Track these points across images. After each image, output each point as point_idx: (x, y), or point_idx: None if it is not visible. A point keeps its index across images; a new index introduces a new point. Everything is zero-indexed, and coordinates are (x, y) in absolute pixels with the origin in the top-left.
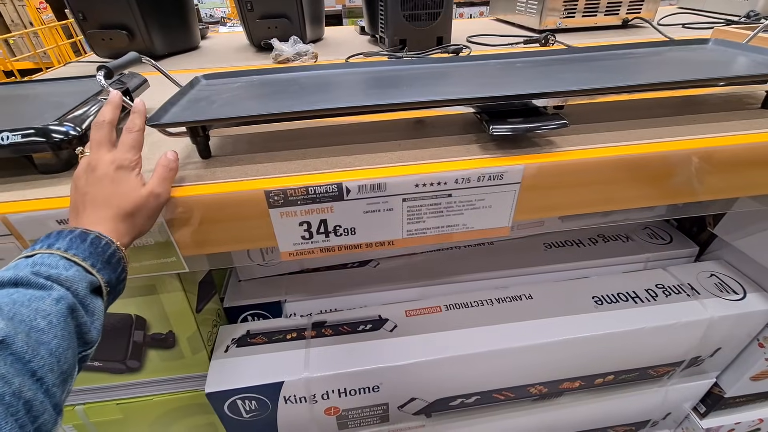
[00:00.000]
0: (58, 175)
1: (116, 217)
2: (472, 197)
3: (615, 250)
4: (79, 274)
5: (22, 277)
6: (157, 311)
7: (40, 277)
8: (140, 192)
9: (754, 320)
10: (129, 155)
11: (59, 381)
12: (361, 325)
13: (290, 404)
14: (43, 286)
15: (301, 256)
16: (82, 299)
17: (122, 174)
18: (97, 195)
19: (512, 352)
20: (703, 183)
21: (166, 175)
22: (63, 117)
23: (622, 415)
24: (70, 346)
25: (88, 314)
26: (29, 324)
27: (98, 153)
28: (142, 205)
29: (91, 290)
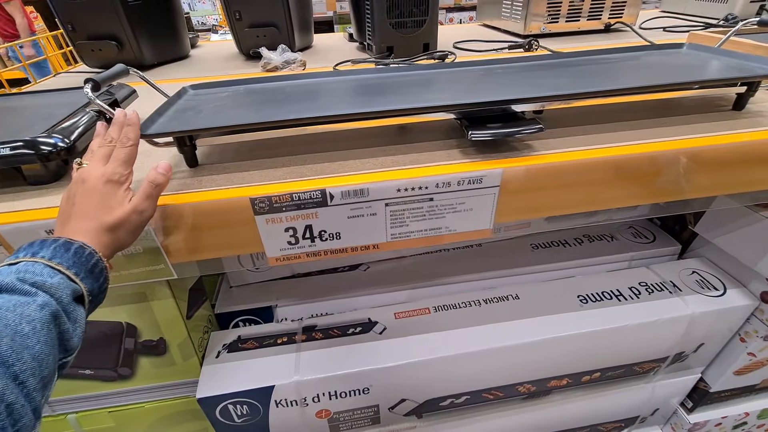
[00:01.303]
0: (47, 186)
1: (100, 229)
2: (454, 201)
3: (600, 250)
4: (63, 282)
5: (7, 283)
6: (148, 318)
7: (26, 283)
8: (124, 207)
9: (734, 315)
10: (120, 169)
11: (40, 386)
12: (350, 329)
13: (281, 408)
14: (27, 292)
15: (288, 261)
16: (65, 307)
17: (110, 188)
18: (83, 207)
19: (500, 351)
20: (677, 183)
21: (151, 192)
22: (51, 129)
23: (610, 412)
24: (52, 352)
25: (71, 321)
26: (14, 329)
27: (92, 165)
28: (125, 220)
29: (74, 298)
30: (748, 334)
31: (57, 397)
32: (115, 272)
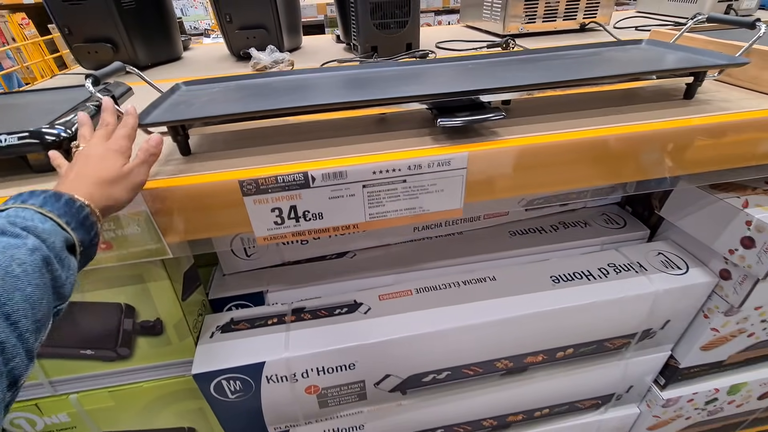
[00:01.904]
0: (51, 174)
1: (93, 184)
2: (425, 182)
3: (574, 235)
4: (55, 228)
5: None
6: (145, 300)
7: (16, 227)
8: (122, 168)
9: (696, 292)
10: (122, 142)
11: (33, 328)
12: (337, 310)
13: (273, 384)
14: (18, 235)
15: (275, 240)
16: (57, 253)
17: (111, 154)
18: (81, 168)
19: (477, 327)
20: (629, 164)
21: (146, 159)
22: (55, 121)
23: (586, 389)
24: (45, 296)
25: (64, 269)
26: (4, 269)
27: (94, 141)
28: (120, 176)
29: (66, 246)
30: (710, 310)
31: (58, 377)
32: (115, 251)
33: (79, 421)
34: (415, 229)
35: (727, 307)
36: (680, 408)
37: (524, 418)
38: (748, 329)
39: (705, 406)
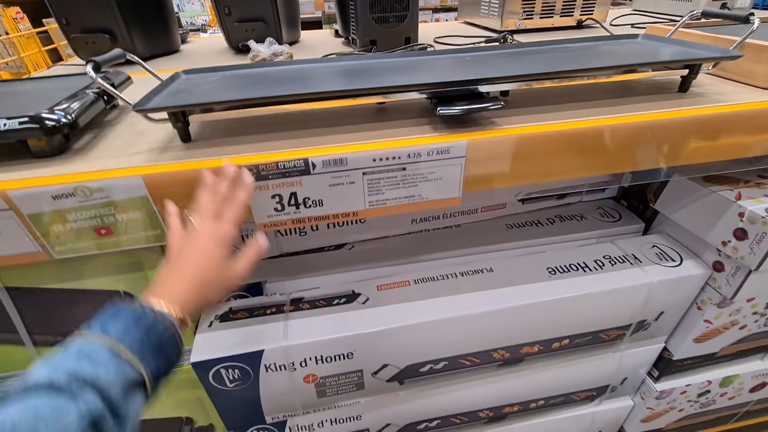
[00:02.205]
0: (51, 160)
1: (192, 288)
2: (425, 170)
3: (570, 228)
4: (120, 374)
5: (56, 381)
6: (144, 288)
7: (76, 381)
8: (227, 267)
9: (690, 284)
10: (231, 229)
11: None
12: (335, 300)
13: (271, 372)
14: (74, 394)
15: (275, 227)
16: (114, 405)
17: (218, 246)
18: (185, 264)
19: (474, 317)
20: (625, 154)
21: (254, 261)
22: (54, 106)
23: (582, 381)
24: None
25: (117, 422)
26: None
27: (203, 224)
28: (222, 279)
29: (129, 388)
30: (704, 302)
31: None
32: (115, 237)
33: None
34: (413, 221)
35: (720, 299)
36: (673, 400)
37: (520, 409)
38: (741, 321)
39: (698, 399)
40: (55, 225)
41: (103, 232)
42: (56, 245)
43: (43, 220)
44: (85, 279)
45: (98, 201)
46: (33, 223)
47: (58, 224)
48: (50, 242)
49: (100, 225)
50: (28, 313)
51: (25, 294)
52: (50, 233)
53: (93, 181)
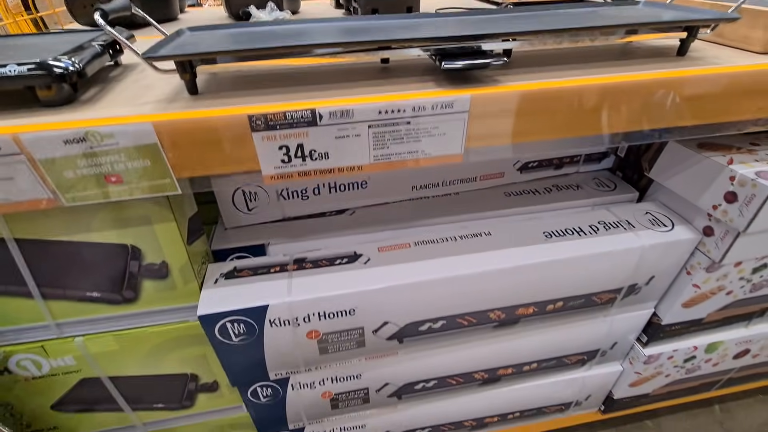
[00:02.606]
0: (59, 108)
1: None
2: (428, 125)
3: (566, 197)
4: None
5: None
6: (151, 242)
7: None
8: None
9: (680, 248)
10: None
11: None
12: (338, 260)
13: (275, 327)
14: None
15: (282, 180)
16: None
17: None
18: None
19: (472, 277)
20: (624, 114)
21: None
22: (62, 55)
23: (574, 344)
24: None
25: None
26: None
27: None
28: None
29: None
30: (693, 267)
31: (64, 319)
32: (125, 185)
33: (84, 364)
34: (413, 187)
35: (709, 263)
36: (660, 365)
37: (514, 372)
38: (728, 287)
39: (684, 364)
40: (65, 171)
41: (113, 180)
42: (67, 192)
43: (54, 165)
44: (93, 232)
45: (108, 147)
46: (44, 168)
47: (69, 170)
48: (61, 188)
49: (110, 172)
50: (37, 265)
51: (34, 246)
52: (61, 179)
53: (104, 126)
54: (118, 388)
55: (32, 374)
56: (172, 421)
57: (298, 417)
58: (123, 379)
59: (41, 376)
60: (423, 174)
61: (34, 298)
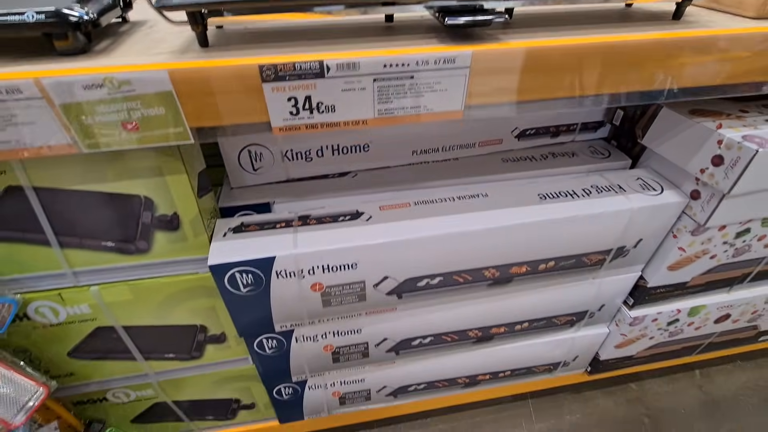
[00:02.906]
0: (75, 57)
1: None
2: (431, 80)
3: (562, 163)
4: None
5: None
6: (163, 193)
7: None
8: None
9: (668, 211)
10: None
11: None
12: (341, 217)
13: (281, 279)
14: None
15: (290, 131)
16: None
17: None
18: None
19: (468, 234)
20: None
21: None
22: (75, 3)
23: (564, 305)
24: None
25: None
26: None
27: None
28: None
29: None
30: (679, 230)
31: (81, 268)
32: (142, 133)
33: (99, 312)
34: (413, 152)
35: (695, 226)
36: (645, 327)
37: (506, 331)
38: (711, 250)
39: (667, 327)
40: (84, 116)
41: (129, 127)
42: (85, 138)
43: (73, 110)
44: (108, 182)
45: (126, 94)
46: (64, 113)
47: (88, 116)
48: (80, 135)
49: (127, 119)
50: (55, 214)
51: (51, 195)
52: (80, 125)
53: (121, 73)
54: (131, 338)
55: (50, 321)
56: (182, 371)
57: (301, 369)
58: (136, 329)
59: (58, 323)
60: (423, 139)
61: (51, 246)
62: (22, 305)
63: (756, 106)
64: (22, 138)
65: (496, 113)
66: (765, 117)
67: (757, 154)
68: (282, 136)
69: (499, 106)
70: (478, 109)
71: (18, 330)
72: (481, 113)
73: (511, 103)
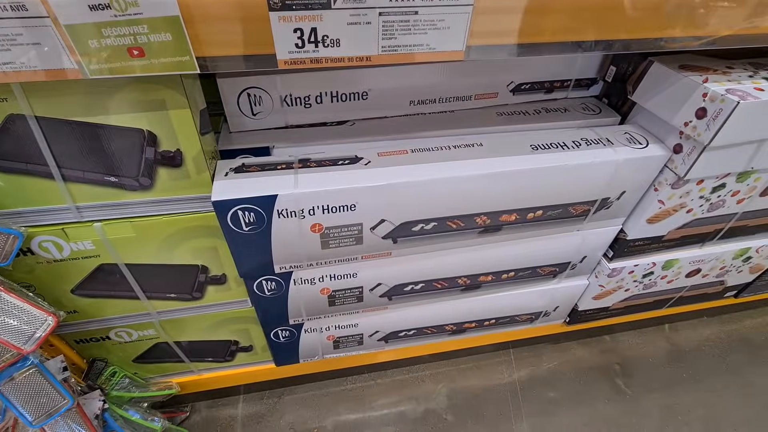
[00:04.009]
0: None
1: None
2: (435, 17)
3: (554, 118)
4: None
5: None
6: (167, 128)
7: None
8: None
9: (652, 164)
10: None
11: None
12: (340, 161)
13: (282, 219)
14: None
15: (295, 65)
16: None
17: None
18: None
19: (462, 180)
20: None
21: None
22: None
23: (549, 255)
24: None
25: None
26: None
27: None
28: None
29: None
30: (660, 183)
31: (84, 203)
32: (147, 59)
33: (103, 249)
34: (411, 102)
35: (675, 179)
36: (621, 279)
37: (493, 279)
38: (688, 204)
39: (642, 279)
40: (90, 39)
41: (135, 53)
42: (91, 63)
43: (79, 32)
44: (111, 114)
45: (132, 17)
46: (70, 35)
47: (94, 39)
48: (85, 59)
49: (132, 44)
50: (57, 145)
51: (54, 125)
52: (86, 48)
53: None
54: (134, 276)
55: (53, 257)
56: (183, 311)
57: (298, 312)
58: (138, 267)
59: (62, 259)
60: (421, 89)
61: (54, 179)
62: (26, 239)
63: (741, 63)
64: (27, 59)
65: (496, 55)
66: (749, 73)
67: (738, 105)
68: (281, 80)
69: (500, 48)
70: (479, 51)
71: (22, 264)
72: (482, 54)
73: (512, 46)
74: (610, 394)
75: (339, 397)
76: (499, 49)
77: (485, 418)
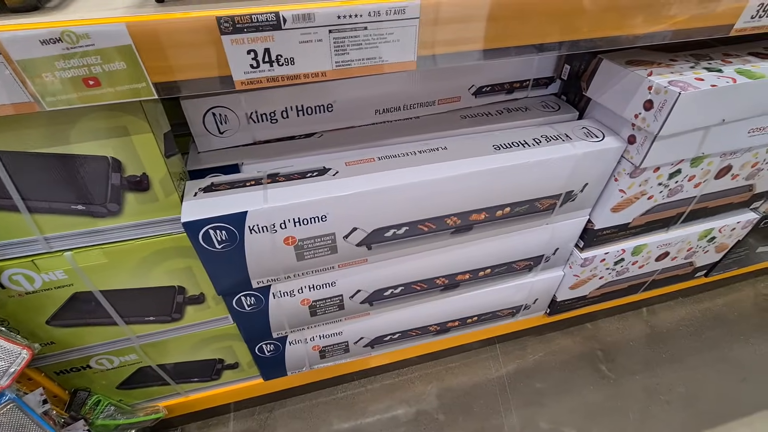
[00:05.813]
0: (28, 14)
1: None
2: (383, 31)
3: (516, 117)
4: None
5: None
6: (131, 154)
7: None
8: None
9: (609, 156)
10: None
11: None
12: (309, 173)
13: (255, 234)
14: None
15: (252, 85)
16: None
17: None
18: None
19: (429, 183)
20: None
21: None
22: None
23: (522, 250)
24: None
25: None
26: None
27: None
28: None
29: None
30: (619, 173)
31: (52, 233)
32: (103, 89)
33: (76, 278)
34: (376, 111)
35: (632, 169)
36: (595, 267)
37: (470, 277)
38: (648, 191)
39: (614, 266)
40: (44, 72)
41: (90, 83)
42: (46, 95)
43: (32, 66)
44: (73, 143)
45: (84, 48)
46: (23, 70)
47: (48, 72)
48: (41, 92)
49: (87, 75)
50: (21, 178)
51: (16, 158)
52: (40, 81)
53: (79, 26)
54: (110, 302)
55: (25, 289)
56: (164, 334)
57: (280, 325)
58: (114, 293)
59: (34, 291)
60: (385, 98)
61: (20, 211)
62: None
63: (684, 55)
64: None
65: (448, 62)
66: (690, 64)
67: (680, 96)
68: (245, 98)
69: (451, 56)
70: (431, 60)
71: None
72: (433, 63)
73: (463, 53)
74: (595, 380)
75: (330, 407)
76: (450, 57)
77: (475, 413)
